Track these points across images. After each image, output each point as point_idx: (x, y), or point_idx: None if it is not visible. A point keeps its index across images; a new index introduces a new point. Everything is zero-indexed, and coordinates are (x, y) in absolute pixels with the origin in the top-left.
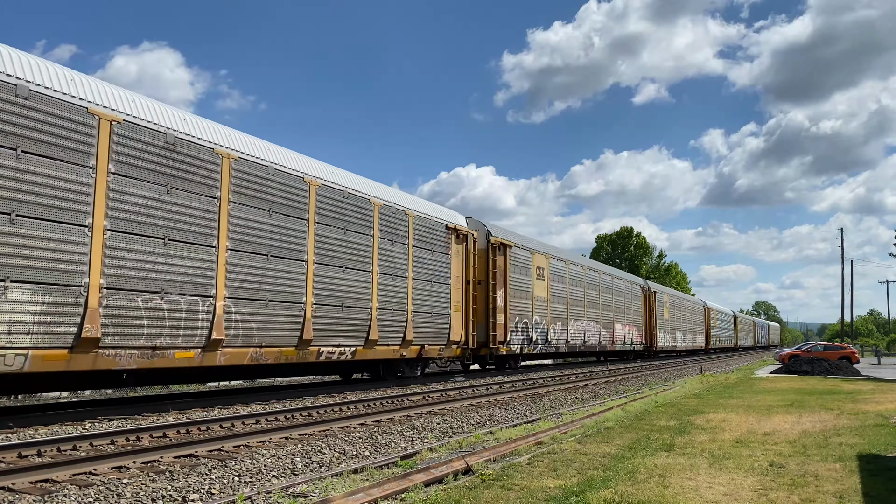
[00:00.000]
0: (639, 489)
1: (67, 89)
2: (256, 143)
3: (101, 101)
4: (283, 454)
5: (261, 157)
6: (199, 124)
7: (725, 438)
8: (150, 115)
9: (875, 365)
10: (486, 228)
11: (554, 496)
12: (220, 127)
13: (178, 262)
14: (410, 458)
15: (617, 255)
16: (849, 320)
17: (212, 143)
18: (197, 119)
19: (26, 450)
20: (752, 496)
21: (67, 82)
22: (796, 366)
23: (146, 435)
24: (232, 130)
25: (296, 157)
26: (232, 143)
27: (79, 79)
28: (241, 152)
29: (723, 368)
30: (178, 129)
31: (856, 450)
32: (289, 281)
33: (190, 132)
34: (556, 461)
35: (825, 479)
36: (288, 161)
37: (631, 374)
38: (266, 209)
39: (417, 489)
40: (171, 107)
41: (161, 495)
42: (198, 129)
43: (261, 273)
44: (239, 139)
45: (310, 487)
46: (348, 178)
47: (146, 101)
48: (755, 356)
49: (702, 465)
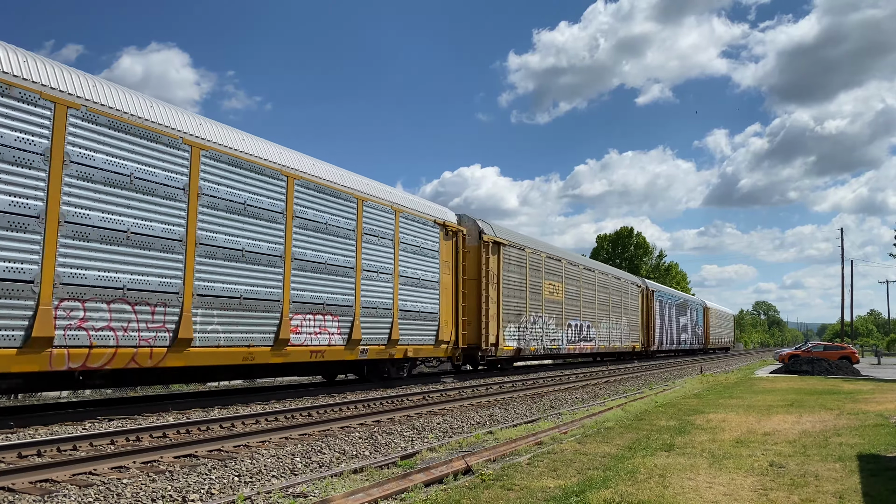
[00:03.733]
0: (639, 489)
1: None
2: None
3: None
4: (283, 454)
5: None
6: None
7: (725, 438)
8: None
9: (875, 365)
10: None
11: (554, 496)
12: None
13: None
14: (410, 458)
15: (617, 255)
16: (849, 320)
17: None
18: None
19: (26, 450)
20: (752, 496)
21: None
22: (796, 366)
23: (146, 435)
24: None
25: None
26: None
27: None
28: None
29: (723, 368)
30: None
31: (856, 450)
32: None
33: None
34: (556, 461)
35: (825, 479)
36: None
37: (631, 374)
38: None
39: (417, 489)
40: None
41: (161, 495)
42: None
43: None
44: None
45: (310, 487)
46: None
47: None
48: (755, 356)
49: (702, 465)
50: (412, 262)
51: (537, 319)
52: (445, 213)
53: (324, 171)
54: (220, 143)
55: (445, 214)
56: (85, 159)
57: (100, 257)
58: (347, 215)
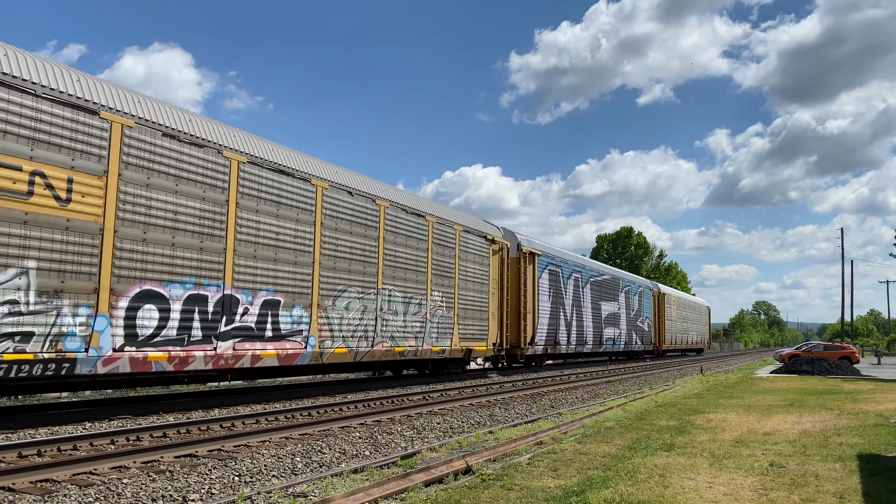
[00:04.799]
0: (639, 489)
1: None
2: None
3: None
4: (283, 454)
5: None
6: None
7: (725, 438)
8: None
9: (875, 365)
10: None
11: (554, 496)
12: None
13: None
14: (410, 457)
15: (617, 255)
16: (849, 320)
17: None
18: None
19: (26, 450)
20: (753, 496)
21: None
22: (796, 365)
23: (146, 435)
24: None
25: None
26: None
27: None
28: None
29: (723, 368)
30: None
31: (856, 450)
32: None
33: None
34: (556, 461)
35: (825, 479)
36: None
37: (631, 373)
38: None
39: (417, 489)
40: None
41: (161, 495)
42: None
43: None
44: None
45: (310, 487)
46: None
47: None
48: (755, 356)
49: (702, 464)
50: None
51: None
52: (493, 228)
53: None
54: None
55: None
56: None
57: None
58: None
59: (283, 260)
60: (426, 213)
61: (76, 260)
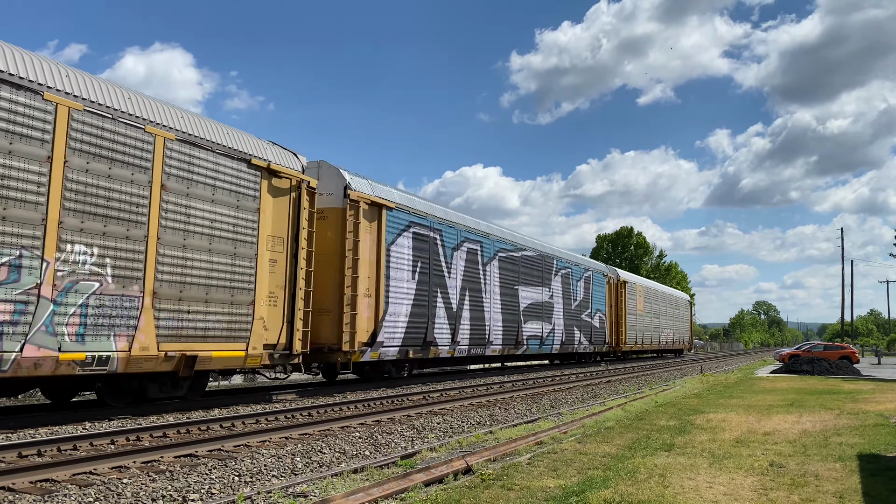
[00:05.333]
0: (639, 489)
1: None
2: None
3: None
4: (283, 454)
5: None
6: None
7: (725, 438)
8: None
9: (875, 365)
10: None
11: (554, 496)
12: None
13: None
14: (410, 457)
15: (617, 255)
16: (849, 320)
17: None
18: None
19: (26, 450)
20: (753, 496)
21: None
22: (796, 365)
23: (146, 435)
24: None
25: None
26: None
27: None
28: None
29: (723, 368)
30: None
31: (856, 449)
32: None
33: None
34: (556, 461)
35: (825, 479)
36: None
37: (631, 373)
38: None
39: (417, 489)
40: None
41: (161, 495)
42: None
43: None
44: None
45: (310, 487)
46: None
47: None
48: (755, 356)
49: (702, 464)
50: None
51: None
52: (269, 150)
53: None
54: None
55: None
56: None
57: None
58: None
59: None
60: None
61: None
